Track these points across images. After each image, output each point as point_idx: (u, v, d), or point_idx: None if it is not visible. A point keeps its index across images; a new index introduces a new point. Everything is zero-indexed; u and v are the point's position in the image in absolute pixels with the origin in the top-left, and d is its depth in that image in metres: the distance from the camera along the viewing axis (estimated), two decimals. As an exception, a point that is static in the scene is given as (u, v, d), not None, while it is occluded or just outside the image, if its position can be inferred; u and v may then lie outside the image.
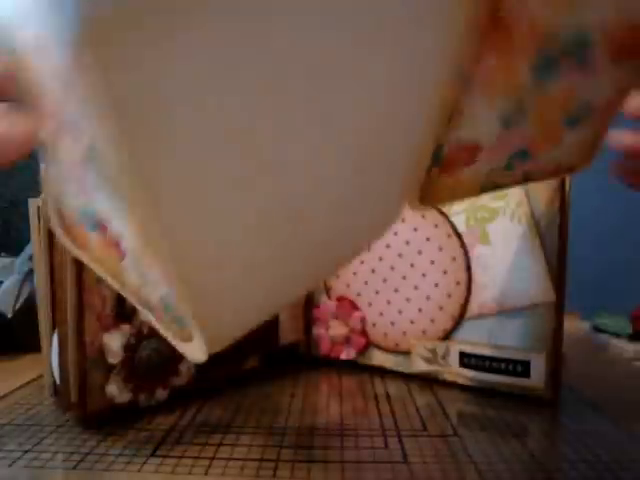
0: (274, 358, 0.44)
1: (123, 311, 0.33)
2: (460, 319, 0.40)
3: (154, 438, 0.31)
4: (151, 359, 0.34)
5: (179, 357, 0.36)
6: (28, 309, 0.47)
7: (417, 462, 0.29)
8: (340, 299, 0.45)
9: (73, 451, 0.30)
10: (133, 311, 0.34)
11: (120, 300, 0.33)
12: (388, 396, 0.39)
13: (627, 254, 0.75)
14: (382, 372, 0.43)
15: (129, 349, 0.33)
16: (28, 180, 0.56)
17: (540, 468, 0.28)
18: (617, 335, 0.54)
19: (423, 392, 0.40)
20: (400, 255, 0.42)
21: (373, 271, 0.44)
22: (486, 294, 0.39)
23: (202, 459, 0.29)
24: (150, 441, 0.31)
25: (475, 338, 0.39)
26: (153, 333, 0.34)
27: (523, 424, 0.34)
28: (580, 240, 0.51)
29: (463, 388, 0.39)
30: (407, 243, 0.42)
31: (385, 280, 0.43)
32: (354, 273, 0.44)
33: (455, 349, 0.40)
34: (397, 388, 0.40)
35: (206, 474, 0.27)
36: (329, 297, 0.46)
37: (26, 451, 0.30)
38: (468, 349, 0.39)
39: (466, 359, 0.39)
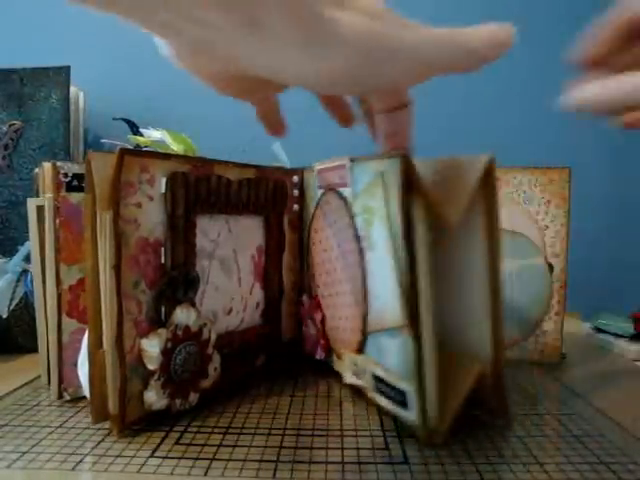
0: (278, 355, 0.44)
1: (158, 315, 0.33)
2: (365, 333, 0.36)
3: (153, 439, 0.31)
4: (187, 363, 0.34)
5: (208, 359, 0.36)
6: (23, 310, 0.47)
7: (417, 462, 0.29)
8: (313, 298, 0.44)
9: (71, 452, 0.29)
10: (167, 315, 0.33)
11: (155, 304, 0.33)
12: (388, 396, 0.39)
13: (628, 254, 0.75)
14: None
15: (166, 354, 0.33)
16: (27, 180, 0.56)
17: (541, 469, 0.28)
18: (618, 335, 0.54)
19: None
20: (337, 258, 0.39)
21: (321, 274, 0.42)
22: (376, 307, 0.34)
23: (201, 460, 0.29)
24: (149, 442, 0.31)
25: (375, 356, 0.35)
26: (187, 336, 0.34)
27: (524, 424, 0.34)
28: (580, 240, 0.51)
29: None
30: (339, 246, 0.39)
31: (327, 284, 0.41)
32: (320, 274, 0.43)
33: (369, 366, 0.35)
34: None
35: (205, 475, 0.27)
36: (309, 296, 0.45)
37: (24, 452, 0.29)
38: (373, 368, 0.35)
39: (373, 380, 0.35)
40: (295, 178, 0.44)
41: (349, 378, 0.38)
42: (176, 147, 0.52)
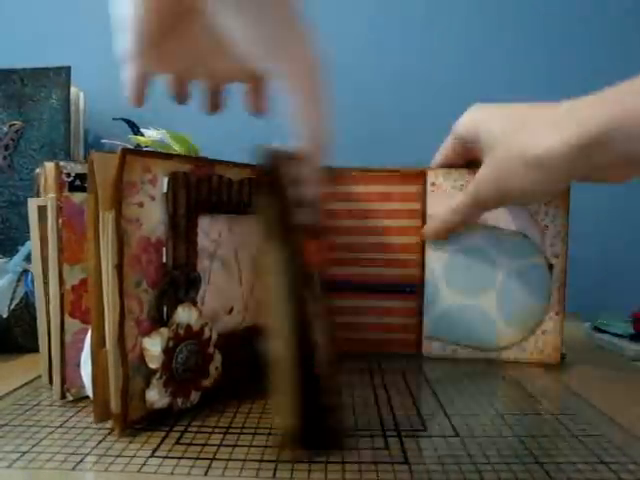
0: None
1: (159, 315, 0.33)
2: None
3: (153, 438, 0.31)
4: (188, 361, 0.34)
5: (209, 358, 0.36)
6: (23, 309, 0.47)
7: (417, 462, 0.29)
8: None
9: (72, 452, 0.30)
10: (169, 314, 0.33)
11: (157, 303, 0.33)
12: (388, 396, 0.39)
13: (628, 254, 0.75)
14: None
15: (168, 353, 0.33)
16: (27, 180, 0.56)
17: (542, 469, 0.28)
18: (618, 335, 0.54)
19: (424, 392, 0.40)
20: None
21: None
22: None
23: (201, 460, 0.29)
24: (149, 442, 0.31)
25: None
26: (189, 335, 0.34)
27: (523, 424, 0.34)
28: (580, 240, 0.51)
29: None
30: None
31: None
32: None
33: None
34: (398, 388, 0.40)
35: (205, 475, 0.27)
36: None
37: (24, 452, 0.29)
38: None
39: None
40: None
41: None
42: (177, 147, 0.52)
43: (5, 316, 0.46)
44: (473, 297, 0.47)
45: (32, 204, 0.39)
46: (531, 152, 0.35)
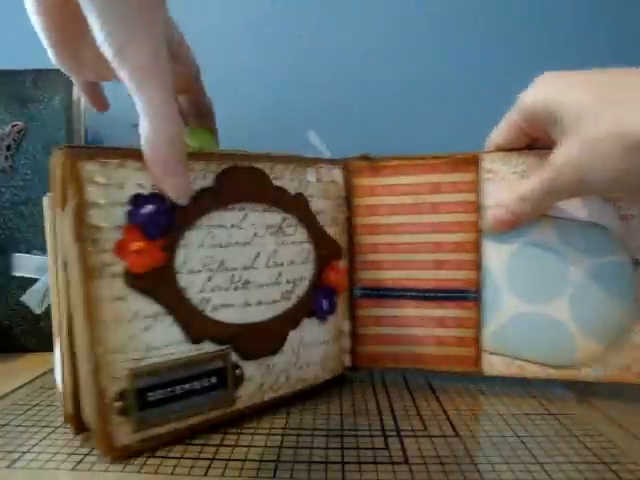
0: None
1: None
2: None
3: (153, 439, 0.31)
4: None
5: None
6: (28, 308, 0.47)
7: (418, 463, 0.29)
8: None
9: (72, 452, 0.30)
10: None
11: None
12: (388, 396, 0.39)
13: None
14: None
15: None
16: (29, 181, 0.56)
17: (541, 469, 0.28)
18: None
19: (424, 392, 0.39)
20: None
21: None
22: None
23: (201, 460, 0.29)
24: (149, 442, 0.31)
25: None
26: None
27: (524, 424, 0.34)
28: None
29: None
30: None
31: None
32: None
33: None
34: (398, 388, 0.40)
35: (205, 475, 0.27)
36: None
37: (24, 452, 0.30)
38: None
39: None
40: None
41: None
42: (192, 143, 0.50)
43: (38, 312, 0.46)
44: (541, 303, 0.38)
45: (46, 201, 0.38)
46: (637, 130, 0.29)
